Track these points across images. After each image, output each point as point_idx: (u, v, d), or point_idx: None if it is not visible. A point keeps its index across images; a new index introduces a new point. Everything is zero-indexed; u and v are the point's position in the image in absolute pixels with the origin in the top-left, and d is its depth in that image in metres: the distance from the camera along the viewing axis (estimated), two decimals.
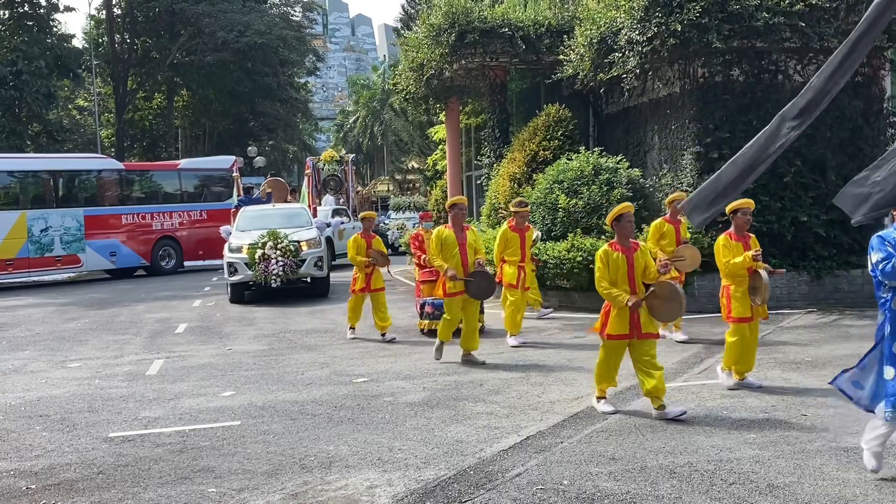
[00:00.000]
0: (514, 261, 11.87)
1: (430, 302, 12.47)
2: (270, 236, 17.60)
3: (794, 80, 15.10)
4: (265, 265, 17.35)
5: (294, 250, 17.61)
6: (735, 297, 8.37)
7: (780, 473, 5.84)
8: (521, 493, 5.64)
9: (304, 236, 18.19)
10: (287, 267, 17.41)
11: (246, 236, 18.22)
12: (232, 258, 17.96)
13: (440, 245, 10.19)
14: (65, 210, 26.49)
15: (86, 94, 54.65)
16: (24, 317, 17.78)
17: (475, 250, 10.26)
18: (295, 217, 19.80)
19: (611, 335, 7.62)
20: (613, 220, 7.70)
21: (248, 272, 17.63)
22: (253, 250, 17.50)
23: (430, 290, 12.80)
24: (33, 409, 8.86)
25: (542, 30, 19.01)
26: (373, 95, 77.98)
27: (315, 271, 18.14)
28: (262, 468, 6.42)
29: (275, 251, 17.39)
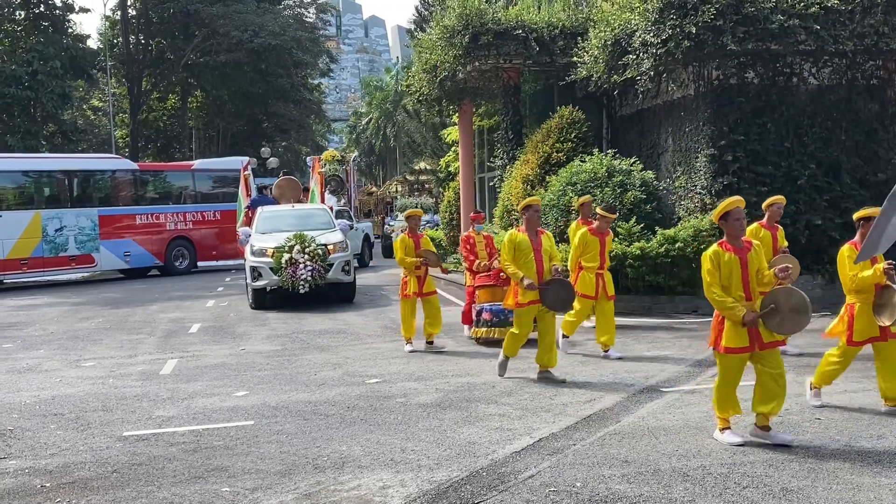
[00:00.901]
0: (591, 267, 10.91)
1: (489, 308, 11.71)
2: (297, 239, 16.80)
3: (808, 82, 15.06)
4: (292, 270, 16.51)
5: (322, 254, 16.82)
6: (860, 315, 7.43)
7: (794, 477, 5.82)
8: (534, 494, 5.64)
9: (331, 239, 17.47)
10: (315, 272, 16.61)
11: (269, 239, 17.41)
12: (256, 262, 17.05)
13: (513, 250, 9.15)
14: (79, 210, 26.64)
15: (100, 94, 54.86)
16: (39, 316, 17.88)
17: (550, 256, 9.27)
18: (317, 218, 19.05)
19: (729, 349, 6.63)
20: (721, 217, 6.70)
21: (273, 277, 16.76)
22: (279, 254, 16.66)
23: (487, 295, 12.05)
24: (48, 408, 8.91)
25: (556, 32, 19.00)
26: (386, 97, 78.04)
27: (343, 276, 17.32)
28: (276, 468, 6.44)
29: (302, 255, 16.60)
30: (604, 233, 11.06)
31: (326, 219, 19.13)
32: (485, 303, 11.95)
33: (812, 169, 14.70)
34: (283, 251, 16.66)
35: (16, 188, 26.22)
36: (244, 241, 18.04)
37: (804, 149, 14.86)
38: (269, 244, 17.10)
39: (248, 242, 17.80)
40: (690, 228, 14.15)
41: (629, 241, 14.21)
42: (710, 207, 14.62)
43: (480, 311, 11.87)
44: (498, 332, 11.29)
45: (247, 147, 49.61)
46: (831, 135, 15.00)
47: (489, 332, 11.65)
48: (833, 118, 15.06)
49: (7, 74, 38.82)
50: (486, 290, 12.11)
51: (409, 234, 11.73)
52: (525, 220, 9.36)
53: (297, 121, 55.80)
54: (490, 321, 11.67)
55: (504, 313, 11.40)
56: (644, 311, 14.24)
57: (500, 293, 11.60)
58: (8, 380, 10.64)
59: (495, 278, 11.91)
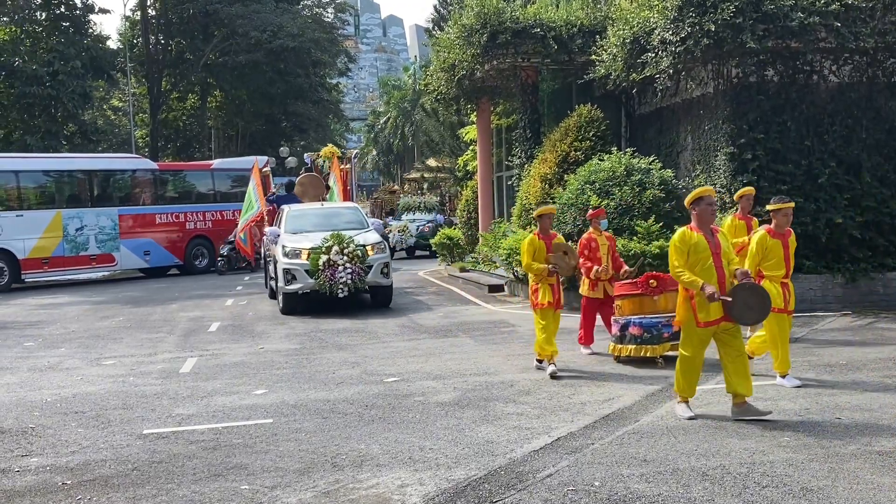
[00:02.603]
0: (775, 276, 8.74)
1: (638, 322, 10.04)
2: (335, 240, 15.77)
3: (829, 80, 14.95)
4: (331, 273, 15.48)
5: (361, 255, 15.77)
6: None
7: (814, 477, 5.79)
8: (552, 494, 5.64)
9: (368, 239, 16.51)
10: (355, 274, 15.57)
11: (303, 239, 16.39)
12: (289, 265, 15.92)
13: (686, 253, 7.34)
14: (99, 209, 26.82)
15: (120, 94, 55.25)
16: (60, 315, 18.01)
17: (728, 260, 7.46)
18: (348, 217, 18.09)
19: None
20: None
21: (308, 280, 15.70)
22: (316, 256, 15.59)
23: (634, 306, 10.30)
24: (68, 406, 8.97)
25: (574, 30, 18.95)
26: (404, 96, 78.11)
27: (382, 279, 16.27)
28: (295, 466, 6.46)
29: (341, 256, 15.57)
30: (785, 233, 8.81)
31: (359, 218, 18.22)
32: (631, 315, 10.22)
33: (832, 167, 14.60)
34: (319, 252, 15.63)
35: (37, 188, 26.42)
36: (272, 242, 17.13)
37: (824, 147, 14.75)
38: (303, 245, 16.09)
39: (276, 243, 16.90)
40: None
41: (648, 240, 14.16)
42: (730, 206, 14.54)
43: (626, 324, 10.15)
44: (650, 350, 9.95)
45: (266, 146, 49.83)
46: (852, 133, 14.89)
47: (639, 349, 10.02)
48: (854, 116, 14.95)
49: (28, 74, 39.13)
50: (632, 300, 10.35)
51: (539, 234, 9.97)
52: (696, 216, 7.46)
53: (316, 120, 56.01)
54: (640, 337, 10.01)
55: (657, 327, 9.98)
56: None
57: (649, 303, 10.21)
58: (29, 378, 10.73)
59: (643, 286, 10.27)
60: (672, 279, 9.29)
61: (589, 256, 10.89)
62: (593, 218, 11.26)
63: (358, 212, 18.78)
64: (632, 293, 10.37)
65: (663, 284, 10.18)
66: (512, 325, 13.77)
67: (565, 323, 13.56)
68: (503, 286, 18.53)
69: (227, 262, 27.51)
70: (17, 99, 40.38)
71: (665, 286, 10.15)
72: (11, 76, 39.68)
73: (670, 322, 9.48)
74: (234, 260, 27.52)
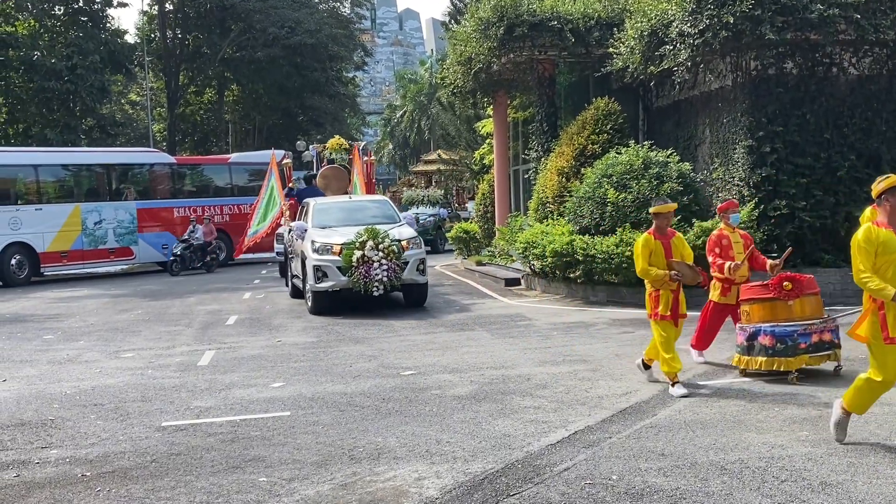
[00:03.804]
0: None
1: (770, 331, 8.70)
2: (369, 234, 14.90)
3: (848, 73, 14.84)
4: (366, 269, 14.60)
5: (397, 251, 14.89)
6: None
7: (833, 471, 5.75)
8: (570, 487, 5.63)
9: (404, 234, 15.60)
10: (391, 271, 14.71)
11: (333, 234, 15.52)
12: (320, 261, 14.99)
13: (874, 253, 6.19)
14: (118, 203, 27.00)
15: (138, 88, 55.42)
16: (79, 308, 18.12)
17: None
18: (378, 210, 17.17)
19: None
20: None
21: (340, 278, 14.83)
22: (349, 252, 14.70)
23: (765, 312, 8.89)
24: (88, 398, 9.03)
25: (592, 23, 18.88)
26: (420, 90, 78.00)
27: (418, 276, 15.34)
28: (312, 458, 6.48)
29: (376, 252, 14.67)
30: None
31: (389, 211, 17.27)
32: (761, 322, 8.88)
33: (852, 160, 14.50)
34: (353, 248, 14.73)
35: (56, 181, 26.61)
36: (298, 237, 16.18)
37: (844, 140, 14.65)
38: (334, 240, 15.21)
39: (302, 238, 15.99)
40: None
41: None
42: (748, 199, 14.47)
43: (755, 333, 8.83)
44: (784, 364, 8.59)
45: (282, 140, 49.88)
46: (872, 125, 14.78)
47: (770, 362, 8.67)
48: (874, 108, 14.83)
49: (47, 68, 39.32)
50: (762, 305, 8.95)
51: (654, 234, 8.59)
52: (886, 209, 6.30)
53: (332, 114, 55.98)
54: (772, 348, 8.67)
55: (793, 337, 8.66)
56: None
57: (782, 309, 8.84)
58: (49, 370, 10.81)
59: (775, 289, 8.90)
60: (810, 281, 8.89)
61: (721, 254, 9.55)
62: (723, 211, 9.95)
63: (388, 205, 17.86)
64: (762, 297, 8.98)
65: (799, 287, 8.92)
66: (528, 318, 13.75)
67: (579, 317, 13.56)
68: (520, 280, 18.51)
69: (180, 262, 26.07)
70: (35, 93, 40.57)
71: (802, 289, 8.92)
72: (30, 70, 39.87)
73: (808, 331, 8.63)
74: (188, 259, 26.20)
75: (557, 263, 15.74)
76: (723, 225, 9.87)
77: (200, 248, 26.55)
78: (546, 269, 16.44)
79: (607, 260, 14.37)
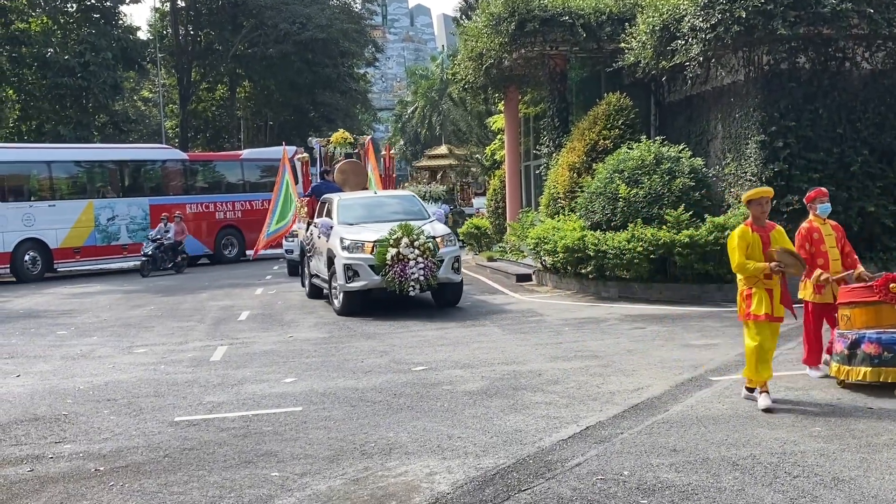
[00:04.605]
0: None
1: (876, 338, 7.77)
2: (403, 231, 14.11)
3: (861, 67, 14.77)
4: (401, 268, 13.85)
5: (433, 249, 14.14)
6: None
7: (846, 467, 5.74)
8: (581, 482, 5.63)
9: (438, 231, 14.84)
10: (427, 270, 13.97)
11: (363, 231, 14.68)
12: (350, 259, 14.19)
13: None
14: (130, 199, 27.11)
15: (150, 85, 55.58)
16: (92, 304, 18.21)
17: None
18: (405, 206, 16.28)
19: None
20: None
21: (373, 277, 14.07)
22: (383, 249, 13.93)
23: (868, 317, 7.99)
24: (101, 394, 9.07)
25: (603, 17, 18.85)
26: (431, 85, 77.91)
27: (453, 275, 14.58)
28: (324, 453, 6.49)
29: (412, 250, 13.93)
30: None
31: (417, 207, 16.32)
32: (864, 328, 7.96)
33: (865, 155, 14.44)
34: (386, 245, 13.97)
35: (69, 178, 26.73)
36: (323, 234, 15.28)
37: (857, 135, 14.59)
38: (365, 237, 14.39)
39: (327, 235, 15.11)
40: (741, 216, 13.96)
41: (678, 229, 14.07)
42: None
43: (858, 340, 7.88)
44: (892, 374, 7.69)
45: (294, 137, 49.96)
46: (885, 120, 14.71)
47: (876, 372, 7.74)
48: (887, 103, 14.76)
49: (60, 65, 39.50)
50: (865, 309, 8.03)
51: (751, 225, 7.65)
52: None
53: (344, 110, 56.03)
54: (877, 357, 7.74)
55: None
56: (693, 299, 14.10)
57: (888, 314, 7.96)
58: (62, 366, 10.86)
59: (881, 291, 7.96)
60: None
61: (810, 252, 8.47)
62: (811, 200, 8.81)
63: (415, 200, 16.83)
64: (866, 300, 8.01)
65: None
66: (540, 314, 13.74)
67: (591, 313, 13.55)
68: (531, 275, 18.50)
69: (151, 262, 24.98)
70: (48, 90, 40.78)
71: None
72: (44, 67, 40.07)
73: None
74: (159, 260, 25.13)
75: (569, 259, 15.73)
76: (812, 216, 8.72)
77: (171, 248, 25.51)
78: (557, 264, 16.43)
79: (619, 255, 14.35)
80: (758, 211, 7.62)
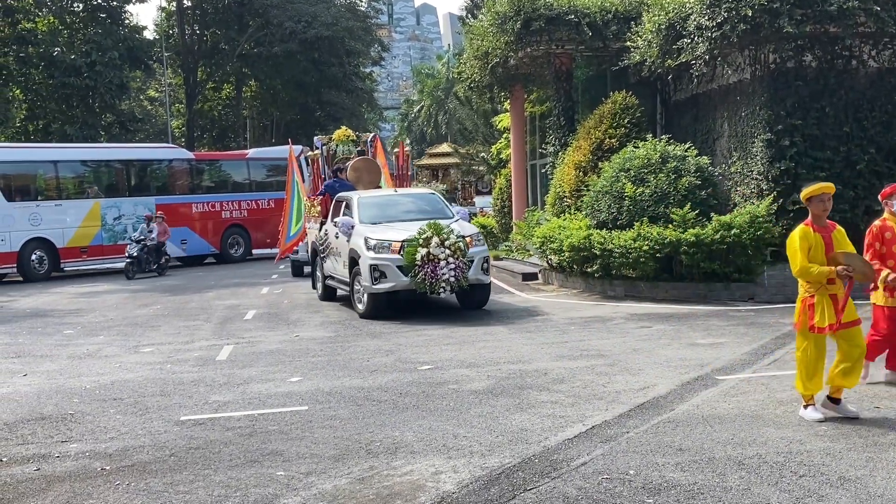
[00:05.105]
0: None
1: None
2: (433, 230, 13.53)
3: (868, 65, 14.73)
4: (431, 269, 13.30)
5: (464, 249, 13.59)
6: None
7: (852, 466, 5.72)
8: (587, 481, 5.62)
9: (466, 230, 14.28)
10: (459, 271, 13.43)
11: (389, 230, 14.14)
12: (377, 260, 13.63)
13: None
14: (137, 198, 27.14)
15: (157, 84, 55.71)
16: (99, 303, 18.25)
17: None
18: (428, 204, 15.69)
19: None
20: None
21: (401, 278, 13.54)
22: (412, 249, 13.36)
23: None
24: (107, 393, 9.09)
25: (609, 16, 18.82)
26: (437, 84, 77.98)
27: (482, 276, 14.06)
28: (330, 452, 6.50)
29: (443, 250, 13.34)
30: None
31: (439, 205, 15.70)
32: None
33: (871, 154, 14.40)
34: (416, 245, 13.40)
35: (75, 177, 26.81)
36: (344, 233, 14.68)
37: (863, 133, 14.55)
38: (393, 236, 13.85)
39: (348, 234, 14.51)
40: (747, 215, 13.95)
41: (684, 228, 14.05)
42: (767, 193, 14.40)
43: None
44: None
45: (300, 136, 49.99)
46: (891, 118, 14.66)
47: None
48: (893, 101, 14.71)
49: (67, 65, 39.59)
50: None
51: (812, 224, 7.04)
52: None
53: (350, 109, 56.08)
54: None
55: None
56: (699, 298, 14.09)
57: None
58: (69, 365, 10.89)
59: None
60: None
61: (880, 252, 7.95)
62: (886, 197, 8.19)
63: (438, 198, 16.23)
64: None
65: None
66: (546, 313, 13.74)
67: (597, 311, 13.54)
68: (537, 274, 18.48)
69: (136, 265, 24.20)
70: (55, 89, 40.89)
71: None
72: (50, 67, 40.19)
73: None
74: (144, 262, 24.36)
75: (575, 258, 15.72)
76: (886, 214, 8.15)
77: (155, 250, 24.77)
78: (563, 263, 16.41)
79: (625, 254, 14.34)
80: (819, 209, 7.00)
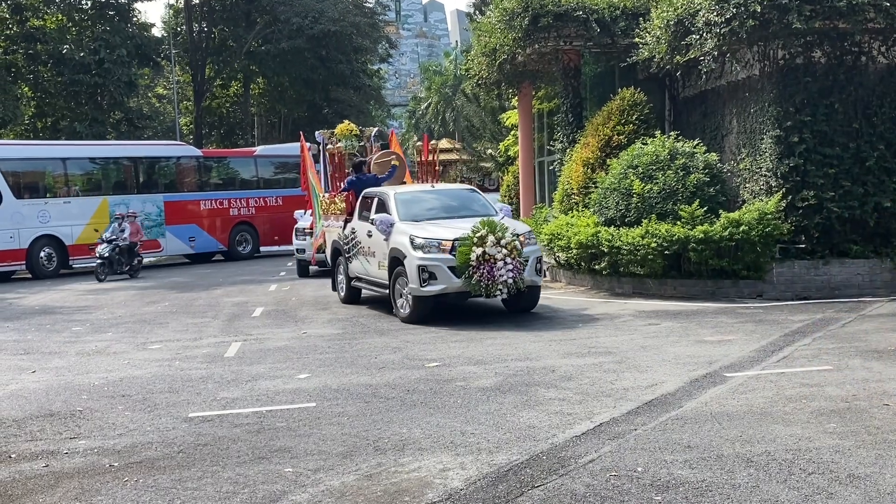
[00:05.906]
0: None
1: None
2: (488, 228, 12.56)
3: (878, 62, 14.64)
4: (488, 269, 12.32)
5: (519, 248, 12.65)
6: None
7: (861, 464, 5.70)
8: (595, 479, 5.62)
9: (518, 228, 13.37)
10: (516, 271, 12.48)
11: (435, 228, 13.23)
12: (425, 260, 12.66)
13: None
14: (145, 196, 27.21)
15: (165, 82, 55.81)
16: (107, 300, 18.29)
17: None
18: (469, 200, 14.74)
19: None
20: None
21: (453, 280, 12.58)
22: (466, 248, 12.43)
23: None
24: (116, 389, 9.12)
25: (617, 12, 18.75)
26: (445, 81, 77.87)
27: (536, 277, 13.23)
28: (337, 449, 6.50)
29: (499, 249, 12.38)
30: None
31: (481, 201, 14.73)
32: None
33: (881, 150, 14.32)
34: (470, 244, 12.45)
35: (84, 175, 26.88)
36: (381, 232, 13.70)
37: (873, 129, 14.48)
38: (442, 235, 12.91)
39: (387, 233, 13.57)
40: (755, 211, 13.90)
41: (692, 225, 14.01)
42: (776, 190, 14.34)
43: None
44: None
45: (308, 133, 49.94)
46: None
47: None
48: None
49: (75, 62, 39.69)
50: None
51: None
52: None
53: (357, 106, 56.03)
54: None
55: None
56: (707, 295, 14.06)
57: None
58: (77, 362, 10.92)
59: None
60: None
61: None
62: None
63: (478, 195, 15.25)
64: None
65: None
66: (554, 310, 13.72)
67: (604, 309, 13.51)
68: (545, 272, 18.44)
69: (108, 265, 23.08)
70: (64, 87, 41.01)
71: None
72: (59, 64, 40.30)
73: None
74: (115, 263, 23.29)
75: (583, 255, 15.70)
76: None
77: (128, 250, 23.70)
78: (571, 260, 16.39)
79: (633, 251, 14.31)
80: None
